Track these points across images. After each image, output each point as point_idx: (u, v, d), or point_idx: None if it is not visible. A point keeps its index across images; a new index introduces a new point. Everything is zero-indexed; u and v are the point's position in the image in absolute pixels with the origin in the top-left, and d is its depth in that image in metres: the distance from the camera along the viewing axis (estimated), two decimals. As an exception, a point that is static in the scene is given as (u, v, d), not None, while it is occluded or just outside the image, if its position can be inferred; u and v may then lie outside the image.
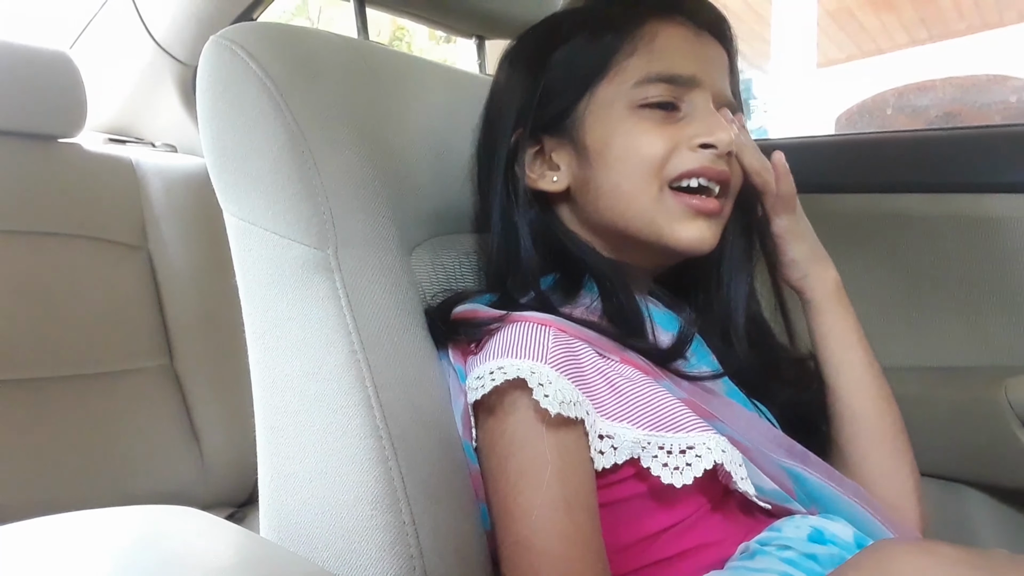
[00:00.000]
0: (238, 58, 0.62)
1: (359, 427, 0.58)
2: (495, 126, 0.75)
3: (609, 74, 0.70)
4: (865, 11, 5.20)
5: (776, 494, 0.66)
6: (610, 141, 0.69)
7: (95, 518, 0.49)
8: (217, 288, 1.39)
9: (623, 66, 0.69)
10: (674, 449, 0.60)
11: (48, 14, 1.58)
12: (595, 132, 0.70)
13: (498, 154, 0.73)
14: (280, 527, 0.61)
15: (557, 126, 0.72)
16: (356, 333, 0.59)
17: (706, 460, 0.60)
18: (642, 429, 0.61)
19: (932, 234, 1.10)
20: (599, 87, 0.70)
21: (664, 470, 0.60)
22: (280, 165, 0.61)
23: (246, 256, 0.63)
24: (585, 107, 0.70)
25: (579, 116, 0.70)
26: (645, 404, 0.63)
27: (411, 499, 0.57)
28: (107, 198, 1.38)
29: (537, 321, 0.64)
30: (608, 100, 0.70)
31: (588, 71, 0.70)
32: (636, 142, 0.68)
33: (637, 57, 0.69)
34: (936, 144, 1.13)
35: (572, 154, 0.72)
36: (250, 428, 0.63)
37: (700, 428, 0.62)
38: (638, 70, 0.69)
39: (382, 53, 0.76)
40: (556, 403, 0.59)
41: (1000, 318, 1.06)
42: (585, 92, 0.70)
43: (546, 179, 0.73)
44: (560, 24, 0.75)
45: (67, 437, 1.22)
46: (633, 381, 0.64)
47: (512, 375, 0.60)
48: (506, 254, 0.72)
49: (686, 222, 0.69)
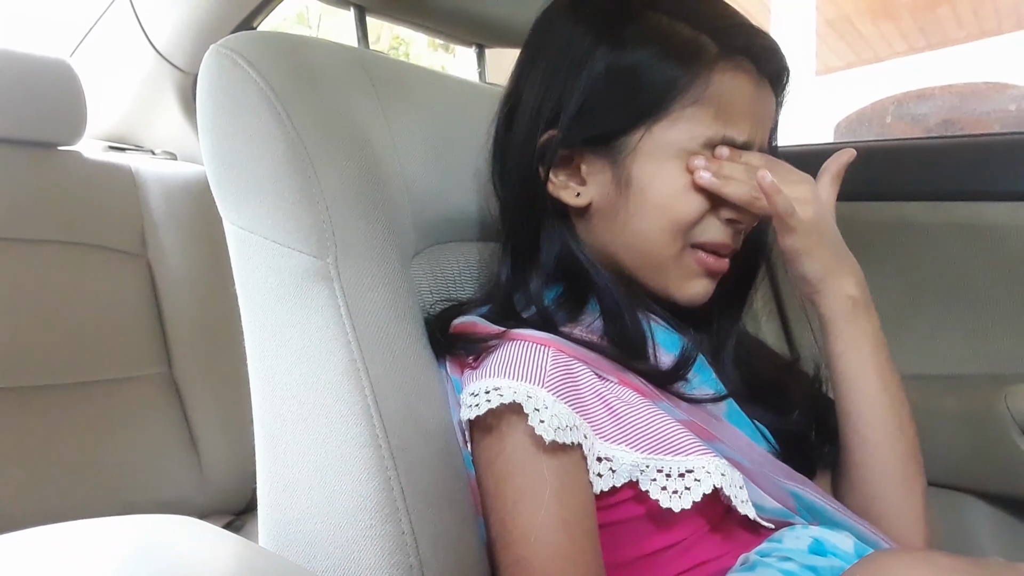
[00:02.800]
0: (238, 67, 0.62)
1: (358, 436, 0.57)
2: (522, 115, 0.70)
3: (670, 116, 0.66)
4: (864, 19, 5.22)
5: (778, 512, 0.65)
6: (655, 185, 0.67)
7: (93, 528, 0.48)
8: (216, 296, 1.39)
9: (686, 113, 0.66)
10: (673, 472, 0.60)
11: (48, 22, 1.58)
12: (644, 169, 0.67)
13: (522, 150, 0.70)
14: (279, 536, 0.60)
15: (598, 144, 0.68)
16: (356, 342, 0.59)
17: (705, 484, 0.59)
18: (641, 452, 0.60)
19: (931, 242, 1.10)
20: (657, 126, 0.66)
21: (663, 494, 0.59)
22: (280, 174, 0.61)
23: (245, 264, 0.63)
24: (639, 139, 0.67)
25: (631, 146, 0.67)
26: (643, 427, 0.62)
27: (411, 508, 0.57)
28: (107, 206, 1.38)
29: (536, 340, 0.64)
30: (665, 144, 0.67)
31: (647, 103, 0.66)
32: (680, 201, 0.67)
33: (701, 108, 0.66)
34: (936, 152, 1.13)
35: (609, 178, 0.68)
36: (248, 436, 0.63)
37: (699, 451, 0.61)
38: (700, 126, 0.66)
39: (382, 62, 0.76)
40: (552, 429, 0.58)
41: (1000, 327, 1.06)
42: (641, 124, 0.67)
43: (569, 191, 0.70)
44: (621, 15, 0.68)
45: (65, 445, 1.22)
46: (631, 404, 0.64)
47: (508, 399, 0.60)
48: (519, 259, 0.71)
49: (695, 280, 0.69)
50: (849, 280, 0.71)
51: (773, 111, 0.72)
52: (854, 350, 0.71)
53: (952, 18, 5.13)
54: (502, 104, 0.74)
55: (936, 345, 1.10)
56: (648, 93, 0.66)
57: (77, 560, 0.45)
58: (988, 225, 1.06)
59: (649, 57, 0.66)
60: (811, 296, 0.72)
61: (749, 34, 0.68)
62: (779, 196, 0.66)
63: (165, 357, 1.37)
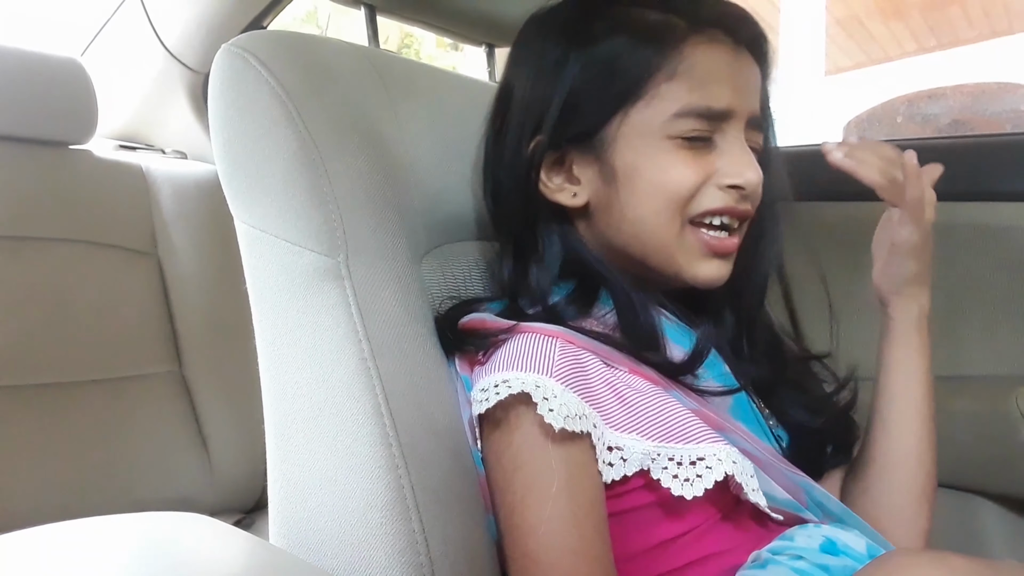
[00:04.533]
0: (250, 66, 0.62)
1: (369, 435, 0.58)
2: (508, 128, 0.71)
3: (645, 96, 0.66)
4: (874, 19, 5.20)
5: (788, 503, 0.65)
6: (640, 169, 0.67)
7: (103, 525, 0.49)
8: (226, 294, 1.39)
9: (660, 90, 0.66)
10: (684, 460, 0.60)
11: (60, 21, 1.59)
12: (626, 157, 0.67)
13: (512, 161, 0.70)
14: (289, 534, 0.60)
15: (583, 141, 0.68)
16: (366, 341, 0.59)
17: (716, 472, 0.59)
18: (651, 440, 0.61)
19: (942, 242, 1.08)
20: (633, 109, 0.66)
21: (674, 482, 0.60)
22: (291, 172, 0.61)
23: (257, 263, 0.63)
24: (617, 128, 0.67)
25: (610, 137, 0.67)
26: (654, 415, 0.62)
27: (421, 507, 0.57)
28: (117, 204, 1.39)
29: (544, 332, 0.64)
30: (642, 126, 0.66)
31: (623, 89, 0.66)
32: (667, 176, 0.66)
33: (676, 83, 0.65)
34: (947, 152, 1.12)
35: (596, 173, 0.69)
36: (258, 434, 0.63)
37: (710, 439, 0.61)
38: (676, 100, 0.65)
39: (393, 61, 0.77)
40: (560, 417, 0.58)
41: (1012, 327, 1.06)
42: (618, 112, 0.67)
43: (565, 192, 0.70)
44: (588, 16, 0.69)
45: (75, 442, 1.22)
46: (641, 392, 0.64)
47: (516, 389, 0.60)
48: (521, 264, 0.71)
49: (704, 261, 0.68)
50: (927, 293, 0.74)
51: (757, 80, 0.70)
52: (912, 361, 0.73)
53: (963, 18, 5.11)
54: (488, 125, 0.74)
55: (947, 346, 1.09)
56: (623, 79, 0.66)
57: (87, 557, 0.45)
58: (999, 225, 1.06)
59: (621, 45, 0.66)
60: (889, 296, 0.74)
61: (718, 4, 0.68)
62: (919, 182, 0.68)
63: (175, 355, 1.37)
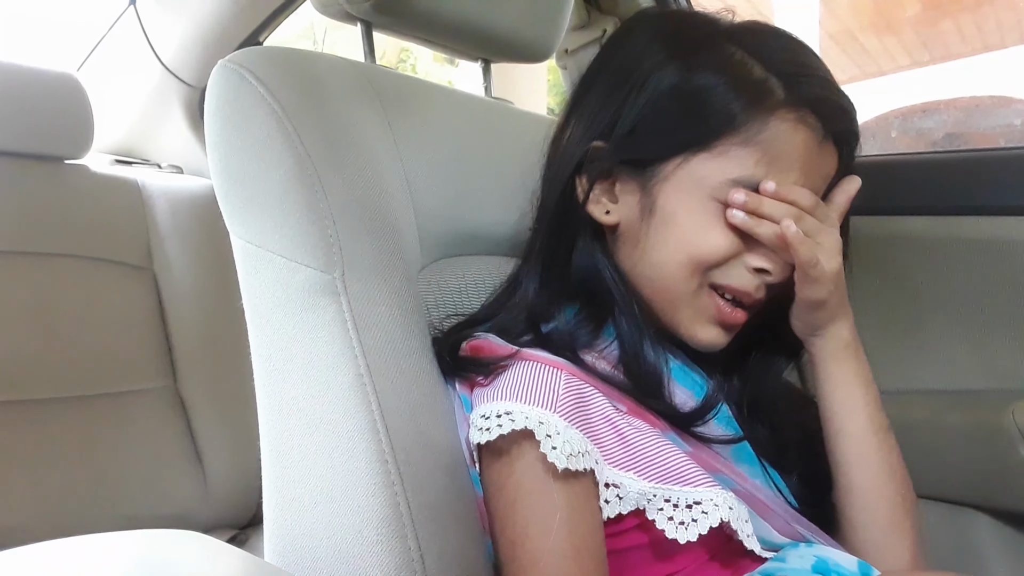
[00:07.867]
0: (246, 82, 0.62)
1: (365, 451, 0.57)
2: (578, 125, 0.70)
3: (713, 151, 0.64)
4: (867, 33, 5.22)
5: (784, 544, 0.65)
6: (679, 218, 0.65)
7: (96, 543, 0.48)
8: (222, 310, 1.39)
9: (730, 151, 0.64)
10: (680, 503, 0.59)
11: (56, 36, 1.59)
12: (670, 200, 0.66)
13: (570, 156, 0.69)
14: (285, 551, 0.60)
15: (636, 166, 0.67)
16: (362, 357, 0.59)
17: (712, 517, 0.58)
18: (649, 481, 0.60)
19: (937, 257, 1.09)
20: (696, 158, 0.64)
21: (669, 524, 0.59)
22: (287, 188, 0.61)
23: (253, 279, 0.63)
24: (673, 169, 0.65)
25: (663, 174, 0.66)
26: (652, 455, 0.61)
27: (417, 524, 0.57)
28: (113, 219, 1.39)
29: (548, 363, 0.63)
30: (698, 177, 0.64)
31: (696, 133, 0.64)
32: (701, 238, 0.65)
33: (748, 149, 0.63)
34: (942, 166, 1.13)
35: (637, 201, 0.67)
36: (253, 450, 0.63)
37: (707, 483, 0.60)
38: (740, 167, 0.63)
39: (389, 77, 0.77)
40: (564, 456, 0.57)
41: (1007, 341, 1.06)
42: (681, 153, 0.65)
43: (600, 206, 0.69)
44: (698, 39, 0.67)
45: (70, 458, 1.22)
46: (641, 431, 0.63)
47: (520, 425, 0.59)
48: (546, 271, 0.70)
49: (708, 325, 0.67)
50: (845, 324, 0.70)
51: (831, 173, 0.68)
52: (843, 391, 0.70)
53: (955, 32, 5.14)
54: (563, 111, 0.73)
55: (942, 360, 1.09)
56: (702, 122, 0.64)
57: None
58: (994, 240, 1.06)
59: (715, 86, 0.64)
60: (806, 337, 0.71)
61: (822, 88, 0.65)
62: (803, 247, 0.63)
63: (170, 371, 1.37)
